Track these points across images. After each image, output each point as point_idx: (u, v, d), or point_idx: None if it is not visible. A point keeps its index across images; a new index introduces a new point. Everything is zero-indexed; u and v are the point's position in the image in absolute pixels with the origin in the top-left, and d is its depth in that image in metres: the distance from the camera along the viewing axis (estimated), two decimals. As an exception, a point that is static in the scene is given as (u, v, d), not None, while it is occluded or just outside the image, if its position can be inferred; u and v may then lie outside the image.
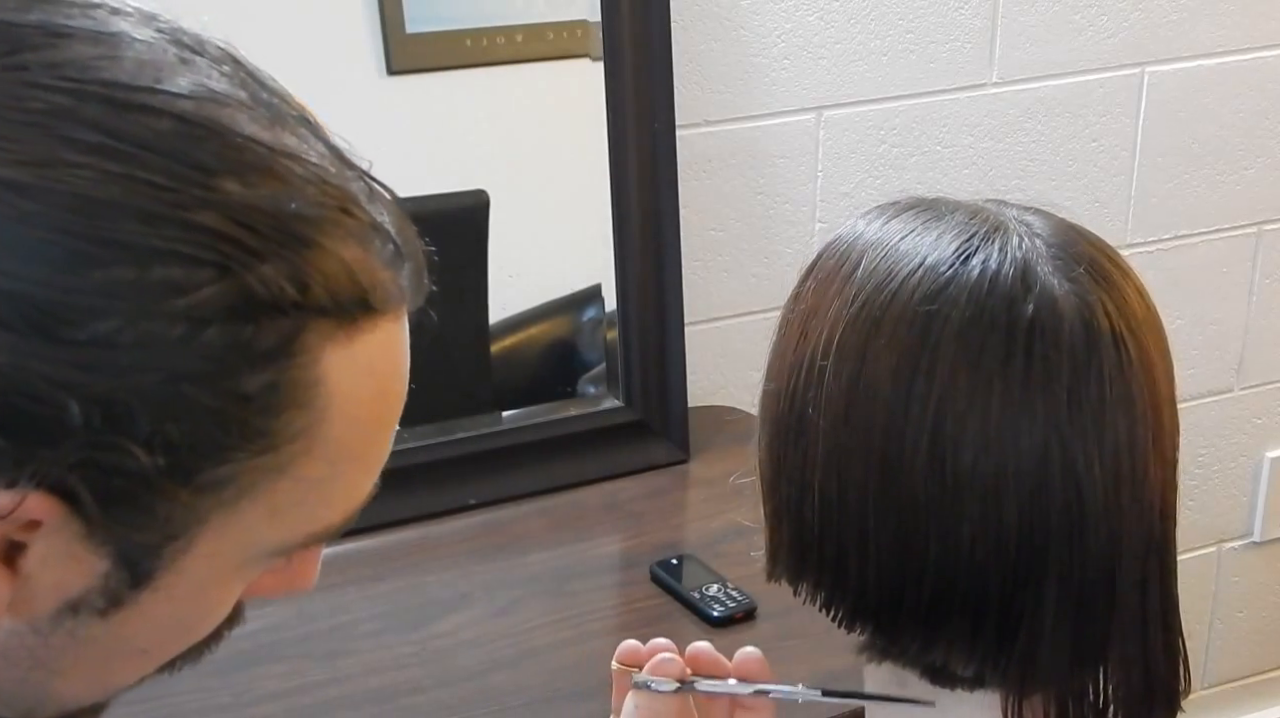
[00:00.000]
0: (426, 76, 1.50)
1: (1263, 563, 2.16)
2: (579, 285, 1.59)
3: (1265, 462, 2.10)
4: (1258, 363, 2.03)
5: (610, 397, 1.58)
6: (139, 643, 0.62)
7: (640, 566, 1.37)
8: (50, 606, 0.58)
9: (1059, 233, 0.75)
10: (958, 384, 0.70)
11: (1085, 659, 0.74)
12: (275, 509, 0.59)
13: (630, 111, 1.52)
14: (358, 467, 0.62)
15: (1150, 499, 0.73)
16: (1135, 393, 0.72)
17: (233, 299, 0.54)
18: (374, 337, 0.58)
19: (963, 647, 0.74)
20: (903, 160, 1.74)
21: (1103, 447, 0.71)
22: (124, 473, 0.54)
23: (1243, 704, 2.22)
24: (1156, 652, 0.76)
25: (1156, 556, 0.75)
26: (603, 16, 1.50)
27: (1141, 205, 1.89)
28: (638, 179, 1.53)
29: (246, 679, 1.22)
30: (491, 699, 1.20)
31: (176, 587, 0.59)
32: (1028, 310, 0.70)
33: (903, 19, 1.69)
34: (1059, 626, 0.72)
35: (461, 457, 1.48)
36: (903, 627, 0.74)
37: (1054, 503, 0.71)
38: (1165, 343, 0.75)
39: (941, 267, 0.72)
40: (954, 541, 0.71)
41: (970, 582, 0.72)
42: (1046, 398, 0.70)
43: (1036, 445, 0.70)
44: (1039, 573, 0.72)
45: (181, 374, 0.53)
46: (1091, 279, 0.72)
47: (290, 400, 0.56)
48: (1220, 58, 1.87)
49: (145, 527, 0.56)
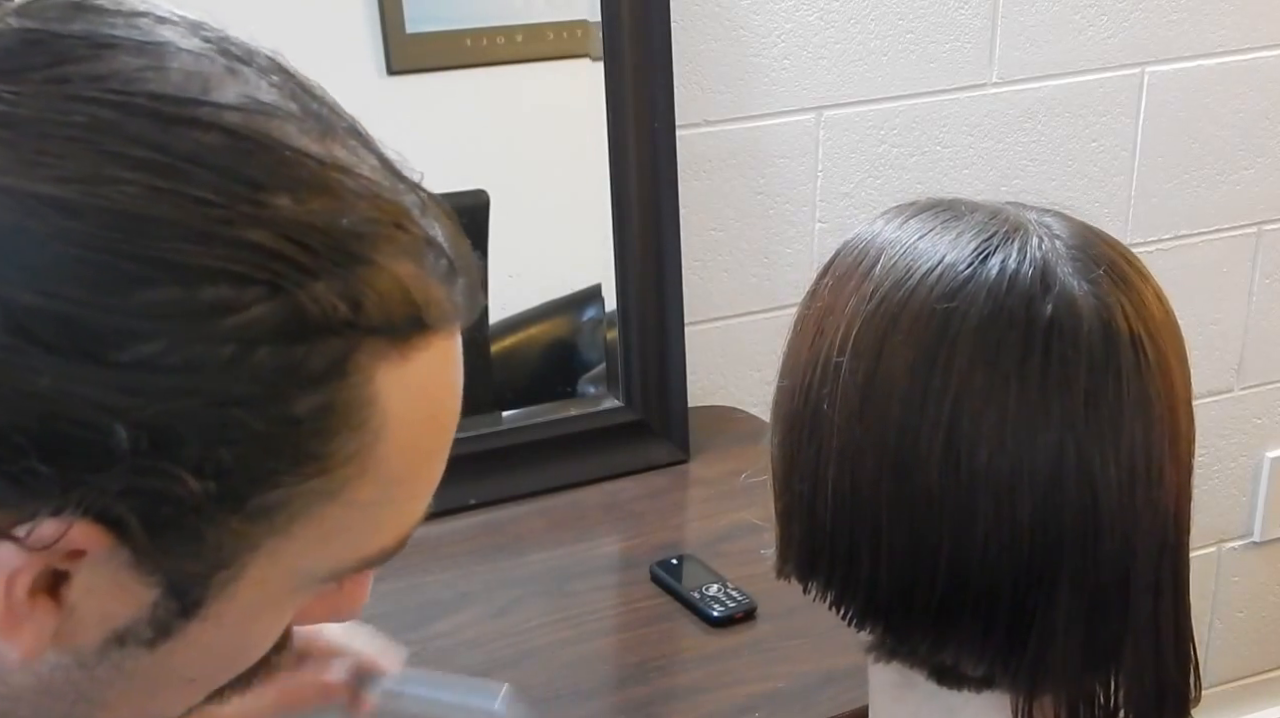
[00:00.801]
0: (426, 76, 1.50)
1: (1263, 563, 2.16)
2: (579, 285, 1.59)
3: (1265, 462, 2.10)
4: (1258, 363, 2.03)
5: (610, 397, 1.58)
6: (186, 673, 0.61)
7: (640, 566, 1.37)
8: (96, 638, 0.57)
9: (1078, 235, 0.75)
10: (974, 381, 0.70)
11: (1097, 662, 0.74)
12: (327, 535, 0.57)
13: (630, 111, 1.52)
14: (411, 490, 0.61)
15: (1165, 503, 0.73)
16: (1153, 395, 0.72)
17: (284, 319, 0.52)
18: (428, 355, 0.57)
19: (973, 647, 0.74)
20: (903, 160, 1.74)
21: (1119, 448, 0.71)
22: (173, 500, 0.52)
23: (1243, 704, 2.22)
24: (1168, 657, 0.76)
25: (1170, 560, 0.74)
26: (603, 16, 1.50)
27: (1141, 205, 1.89)
28: (638, 179, 1.53)
29: (246, 679, 1.22)
30: (491, 699, 1.20)
31: (226, 615, 0.57)
32: (1046, 310, 0.71)
33: (903, 19, 1.69)
34: (1071, 627, 0.72)
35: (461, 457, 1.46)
36: (913, 626, 0.74)
37: (1068, 503, 0.71)
38: (1183, 347, 0.76)
39: (960, 265, 0.72)
40: (967, 539, 0.71)
41: (983, 580, 0.72)
42: (1063, 397, 0.70)
43: (1052, 445, 0.70)
44: (1052, 573, 0.71)
45: (231, 397, 0.52)
46: (1110, 281, 0.73)
47: (343, 423, 0.54)
48: (1220, 58, 1.87)
49: (195, 555, 0.54)
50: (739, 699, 1.20)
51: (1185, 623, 0.77)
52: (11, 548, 0.52)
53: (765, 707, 1.19)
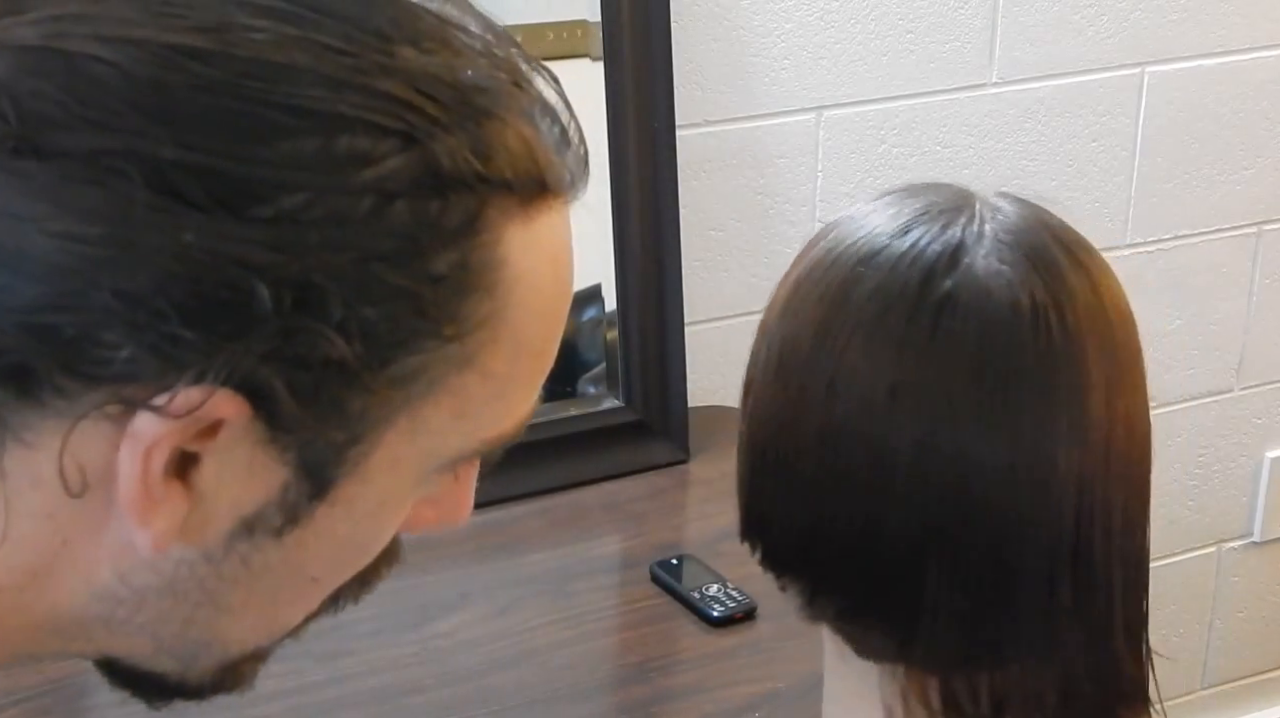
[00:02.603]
0: (426, 76, 1.50)
1: (1263, 563, 2.16)
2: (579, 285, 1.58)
3: (1265, 462, 2.10)
4: (1258, 363, 2.03)
5: (610, 397, 1.58)
6: (311, 571, 0.59)
7: (640, 566, 1.37)
8: (225, 527, 0.55)
9: (1020, 222, 0.74)
10: (860, 345, 0.71)
11: (978, 651, 0.72)
12: (461, 408, 0.56)
13: (630, 111, 1.52)
14: (534, 365, 0.59)
15: (1060, 493, 0.70)
16: (1056, 381, 0.70)
17: (419, 171, 0.51)
18: (549, 219, 0.57)
19: (861, 616, 0.74)
20: (903, 160, 1.74)
21: (1000, 428, 0.69)
22: (318, 363, 0.51)
23: (1243, 704, 2.22)
24: (1074, 659, 0.73)
25: (1070, 554, 0.71)
26: (603, 16, 1.50)
27: (1141, 205, 1.89)
28: (638, 179, 1.53)
29: (246, 679, 1.22)
30: (491, 699, 1.20)
31: (356, 500, 0.56)
32: (945, 284, 0.70)
33: (903, 19, 1.69)
34: (943, 610, 0.71)
35: (461, 457, 1.48)
36: (818, 590, 0.75)
37: (937, 478, 0.69)
38: (1112, 336, 0.73)
39: (882, 236, 0.73)
40: (846, 503, 0.71)
41: (861, 549, 0.72)
42: (944, 370, 0.69)
43: (924, 417, 0.69)
44: (921, 550, 0.70)
45: (373, 252, 0.50)
46: (1030, 265, 0.71)
47: (477, 282, 0.53)
48: (1220, 58, 1.87)
49: (335, 425, 0.53)
50: (739, 699, 1.20)
51: (1104, 625, 0.73)
52: (150, 418, 0.50)
53: (765, 707, 1.19)
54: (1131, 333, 0.74)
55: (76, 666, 1.28)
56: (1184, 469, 2.05)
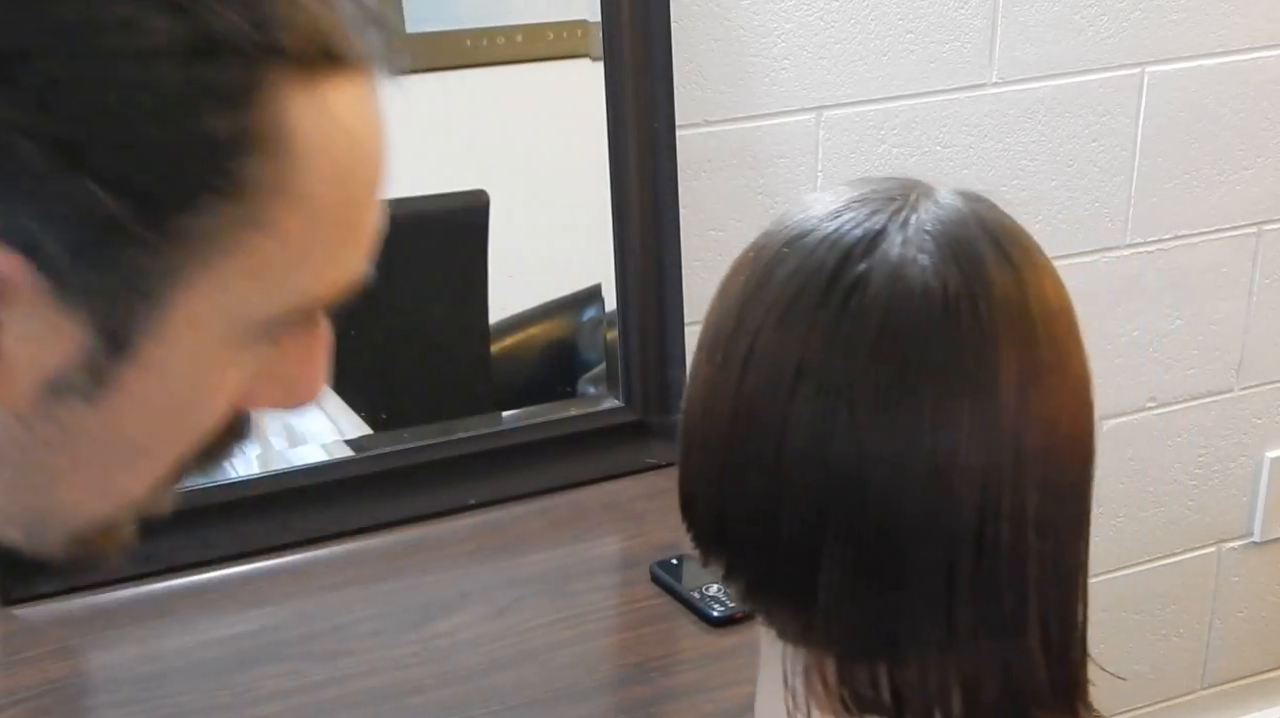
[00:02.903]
0: (426, 76, 1.50)
1: (1263, 563, 2.16)
2: (579, 285, 1.59)
3: (1265, 462, 2.09)
4: (1258, 363, 2.03)
5: (610, 397, 1.58)
6: (134, 436, 0.60)
7: (640, 566, 1.37)
8: (31, 386, 0.57)
9: (952, 214, 0.73)
10: (770, 323, 0.71)
11: (875, 639, 0.72)
12: (256, 269, 0.57)
13: (630, 111, 1.52)
14: (340, 231, 0.60)
15: (963, 487, 0.69)
16: (962, 371, 0.69)
17: (189, 37, 0.52)
18: (341, 90, 0.58)
19: (760, 592, 0.74)
20: (903, 160, 1.74)
21: (898, 416, 0.68)
22: (89, 219, 0.53)
23: (1243, 704, 2.22)
24: (977, 657, 0.71)
25: (972, 550, 0.70)
26: (603, 16, 1.50)
27: (1141, 205, 1.89)
28: (638, 179, 1.53)
29: (246, 679, 1.22)
30: (491, 699, 1.20)
31: (164, 362, 0.57)
32: (857, 269, 0.70)
33: (903, 19, 1.69)
34: (840, 594, 0.70)
35: (461, 457, 1.48)
36: (727, 561, 0.75)
37: (833, 462, 0.69)
38: (1039, 336, 0.71)
39: (812, 219, 0.73)
40: (750, 480, 0.72)
41: (764, 525, 0.72)
42: (847, 352, 0.69)
43: (822, 403, 0.69)
44: (819, 532, 0.70)
45: (139, 113, 0.52)
46: (951, 255, 0.70)
47: (255, 144, 0.55)
48: (1220, 58, 1.87)
49: (119, 283, 0.55)
50: (739, 699, 1.20)
51: (1015, 625, 0.72)
52: None
53: (765, 707, 1.19)
54: (1059, 331, 0.72)
55: (76, 666, 1.29)
56: (1184, 469, 2.05)
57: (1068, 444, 0.72)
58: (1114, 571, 2.06)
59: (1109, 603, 2.07)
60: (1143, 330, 1.94)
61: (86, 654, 1.30)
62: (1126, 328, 1.93)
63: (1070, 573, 0.74)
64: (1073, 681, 0.75)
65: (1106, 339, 1.92)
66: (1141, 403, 1.98)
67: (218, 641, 1.28)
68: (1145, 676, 2.14)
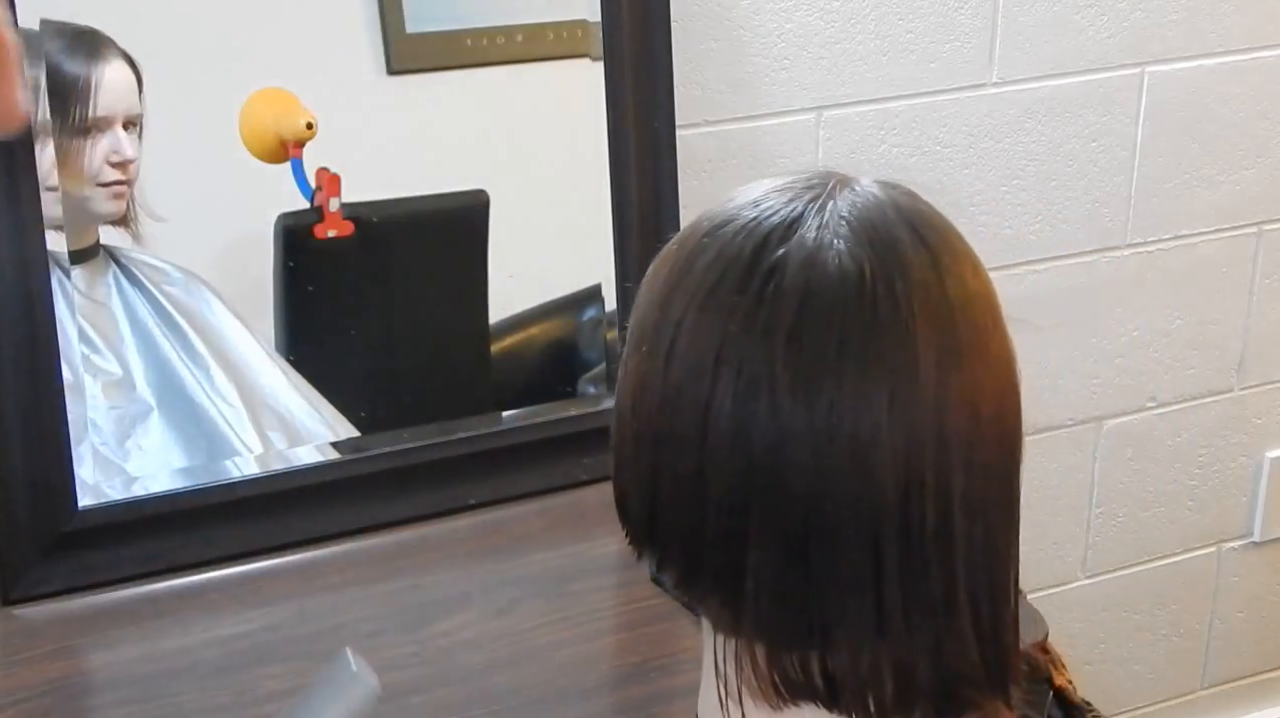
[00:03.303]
0: (426, 76, 1.50)
1: (1263, 563, 2.16)
2: (579, 285, 1.59)
3: (1265, 462, 2.10)
4: (1258, 363, 2.03)
5: (610, 397, 1.57)
6: None
7: (640, 566, 1.37)
8: None
9: (870, 200, 0.73)
10: (692, 311, 0.72)
11: (804, 625, 0.72)
12: None
13: (630, 111, 1.52)
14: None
15: (882, 471, 0.69)
16: (878, 353, 0.69)
17: None
18: None
19: (689, 582, 0.75)
20: (903, 160, 1.74)
21: (817, 400, 0.69)
22: None
23: (1243, 704, 2.22)
24: (908, 639, 0.72)
25: (897, 532, 0.70)
26: (603, 16, 1.50)
27: (1141, 205, 1.89)
28: (638, 179, 1.53)
29: (246, 679, 1.22)
30: (491, 699, 1.20)
31: None
32: (775, 254, 0.71)
33: (903, 19, 1.69)
34: (767, 581, 0.71)
35: (461, 457, 1.48)
36: (659, 554, 0.75)
37: (754, 446, 0.69)
38: (958, 319, 0.71)
39: (733, 208, 0.74)
40: (675, 469, 0.72)
41: (690, 514, 0.72)
42: (766, 339, 0.69)
43: (745, 387, 0.69)
44: (743, 517, 0.70)
45: None
46: (867, 240, 0.71)
47: None
48: (1220, 58, 1.87)
49: None
50: (739, 699, 1.20)
51: (947, 605, 0.72)
52: None
53: (765, 707, 1.19)
54: (977, 313, 0.72)
55: (76, 666, 1.29)
56: (1184, 469, 2.05)
57: (992, 425, 0.72)
58: (1114, 571, 2.06)
59: (1109, 603, 2.07)
60: (1143, 330, 1.94)
61: (86, 654, 1.30)
62: (1126, 328, 1.93)
63: (1000, 555, 0.74)
64: (1005, 662, 0.75)
65: (1106, 339, 1.92)
66: (1141, 403, 1.98)
67: (218, 641, 1.28)
68: (1145, 676, 2.14)
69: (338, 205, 1.41)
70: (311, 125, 1.38)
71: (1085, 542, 2.03)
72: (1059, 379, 1.92)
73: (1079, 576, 2.04)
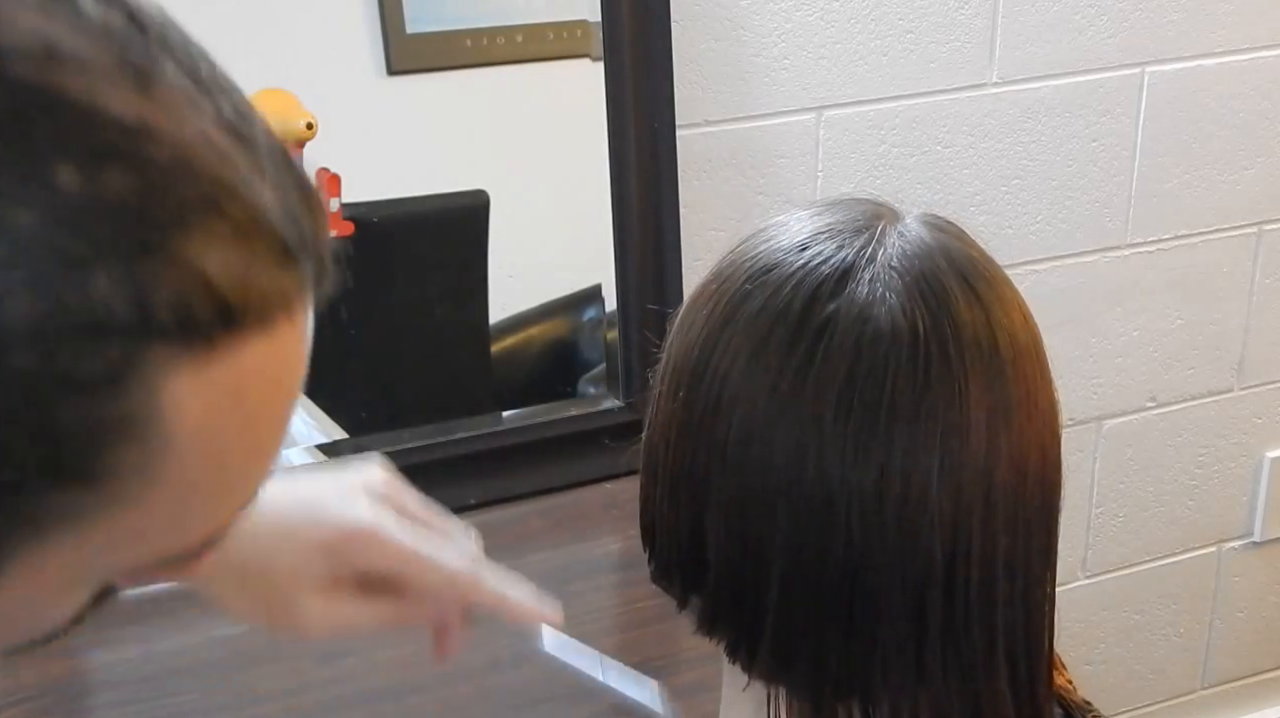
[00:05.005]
0: (426, 76, 1.50)
1: (1263, 563, 2.16)
2: (579, 285, 1.59)
3: (1265, 462, 2.10)
4: (1258, 363, 2.03)
5: (610, 397, 1.58)
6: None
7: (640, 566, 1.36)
8: None
9: (919, 248, 0.72)
10: (741, 367, 0.70)
11: (844, 678, 0.71)
12: (111, 541, 0.50)
13: (630, 111, 1.52)
14: (219, 494, 0.53)
15: (929, 529, 0.68)
16: (929, 411, 0.68)
17: (46, 319, 0.44)
18: (241, 357, 0.48)
19: (716, 625, 0.74)
20: (903, 160, 1.74)
21: (869, 459, 0.68)
22: None
23: (1243, 704, 2.22)
24: (946, 697, 0.71)
25: (941, 592, 0.69)
26: (603, 16, 1.50)
27: (1141, 205, 1.89)
28: (638, 179, 1.53)
29: (246, 679, 1.22)
30: (492, 699, 1.20)
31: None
32: (828, 308, 0.69)
33: (903, 19, 1.69)
34: (789, 632, 0.71)
35: (461, 457, 1.48)
36: (683, 592, 0.76)
37: (804, 505, 0.69)
38: (1009, 375, 0.71)
39: (779, 252, 0.72)
40: (718, 518, 0.72)
41: (728, 561, 0.72)
42: (817, 397, 0.68)
43: (792, 444, 0.68)
44: (790, 574, 0.70)
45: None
46: (919, 294, 0.70)
47: (120, 435, 0.46)
48: (1220, 58, 1.87)
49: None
50: (739, 699, 1.20)
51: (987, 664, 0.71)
52: None
53: (765, 707, 1.19)
54: (1028, 368, 0.72)
55: (76, 666, 1.29)
56: (1184, 469, 2.05)
57: (1036, 481, 0.72)
58: (1114, 571, 2.06)
59: (1109, 603, 2.07)
60: (1143, 330, 1.94)
61: (86, 654, 1.30)
62: (1126, 328, 1.93)
63: (1037, 607, 0.74)
64: (1038, 715, 0.75)
65: (1106, 339, 1.92)
66: (1141, 403, 1.98)
67: (218, 641, 1.28)
68: (1145, 676, 2.14)
69: (338, 206, 1.41)
70: (311, 125, 1.38)
71: (1085, 542, 2.03)
72: (1059, 379, 1.91)
73: (1079, 576, 2.04)
